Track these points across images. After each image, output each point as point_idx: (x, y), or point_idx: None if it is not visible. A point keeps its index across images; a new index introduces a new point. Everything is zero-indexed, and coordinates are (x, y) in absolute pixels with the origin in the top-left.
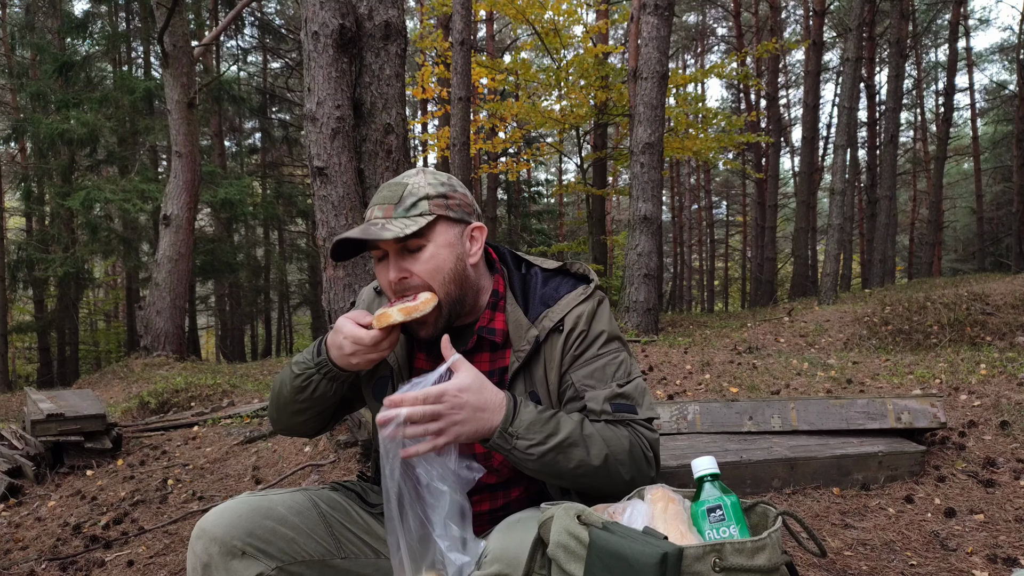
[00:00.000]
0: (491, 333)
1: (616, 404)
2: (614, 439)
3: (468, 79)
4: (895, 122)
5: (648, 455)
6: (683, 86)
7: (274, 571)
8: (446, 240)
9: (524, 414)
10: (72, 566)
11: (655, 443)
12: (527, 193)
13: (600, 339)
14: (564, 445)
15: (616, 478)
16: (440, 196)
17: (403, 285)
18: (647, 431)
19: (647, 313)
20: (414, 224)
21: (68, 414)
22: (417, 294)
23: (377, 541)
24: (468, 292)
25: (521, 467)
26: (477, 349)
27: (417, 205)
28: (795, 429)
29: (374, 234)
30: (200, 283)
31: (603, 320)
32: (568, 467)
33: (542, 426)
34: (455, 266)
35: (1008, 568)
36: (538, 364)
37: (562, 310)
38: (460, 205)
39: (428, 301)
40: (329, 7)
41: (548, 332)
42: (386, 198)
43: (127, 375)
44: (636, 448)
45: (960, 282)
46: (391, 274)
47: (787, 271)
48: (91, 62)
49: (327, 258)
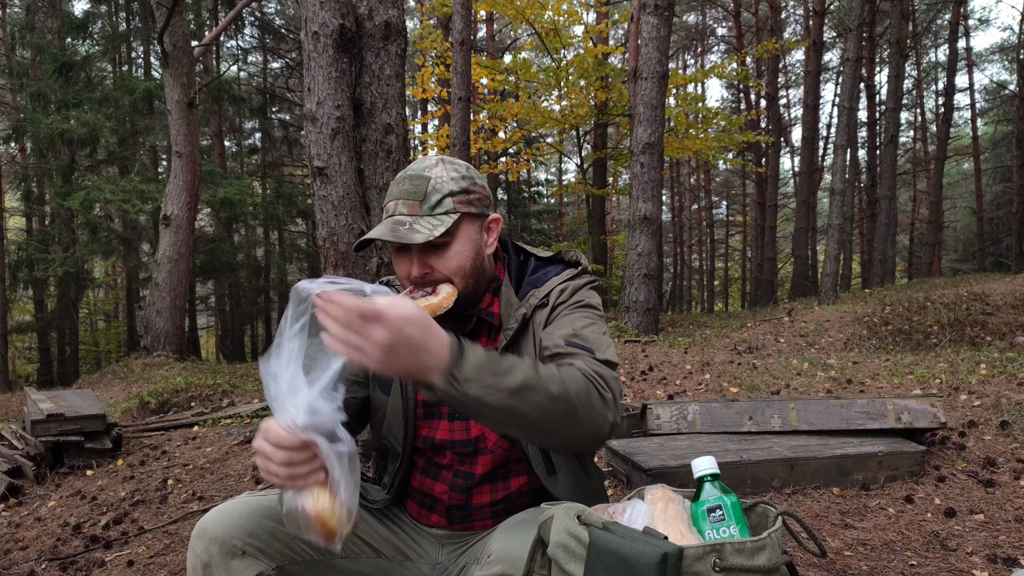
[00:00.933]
0: (489, 316)
1: (570, 341)
2: (569, 377)
3: (468, 79)
4: (895, 122)
5: (606, 395)
6: (683, 86)
7: (274, 571)
8: (469, 236)
9: (472, 356)
10: (72, 566)
11: (613, 381)
12: (527, 193)
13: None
14: (521, 388)
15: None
16: (463, 192)
17: (425, 280)
18: (606, 370)
19: (647, 313)
20: (442, 225)
21: (68, 414)
22: (436, 287)
23: (377, 540)
24: (482, 283)
25: (479, 419)
26: (475, 333)
27: (442, 203)
28: (795, 429)
29: (404, 236)
30: (200, 283)
31: (584, 292)
32: (529, 413)
33: (493, 367)
34: (475, 260)
35: (1008, 568)
36: (527, 341)
37: (548, 287)
38: (480, 199)
39: (450, 296)
40: (329, 7)
41: (534, 309)
42: (409, 192)
43: (127, 375)
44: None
45: (960, 282)
46: (414, 270)
47: (787, 271)
48: (91, 62)
49: (327, 258)
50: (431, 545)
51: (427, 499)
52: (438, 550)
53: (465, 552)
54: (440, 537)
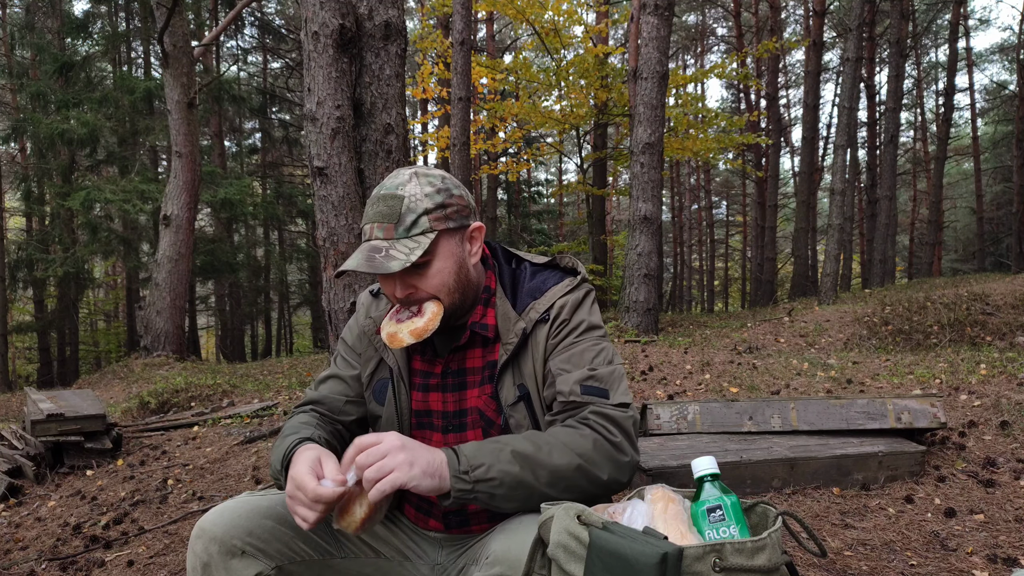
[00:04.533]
0: (484, 328)
1: (586, 386)
2: (575, 439)
3: (468, 79)
4: (895, 122)
5: (615, 439)
6: (683, 86)
7: (273, 571)
8: (449, 251)
9: (465, 448)
10: (72, 566)
11: (626, 423)
12: (527, 193)
13: (580, 327)
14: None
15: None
16: (439, 207)
17: (409, 299)
18: (618, 412)
19: (647, 313)
20: (419, 247)
21: (68, 414)
22: (422, 306)
23: (377, 540)
24: (469, 294)
25: (496, 506)
26: (470, 345)
27: (418, 223)
28: (795, 429)
29: (380, 266)
30: (200, 283)
31: (586, 310)
32: (541, 482)
33: (490, 447)
34: (459, 274)
35: (1008, 568)
36: (526, 357)
37: (548, 300)
38: (458, 211)
39: (435, 315)
40: (329, 7)
41: (535, 323)
42: (383, 215)
43: (127, 375)
44: (600, 443)
45: (960, 282)
46: (397, 291)
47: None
48: (91, 62)
49: (327, 258)
50: (430, 546)
51: (424, 503)
52: (437, 551)
53: (464, 553)
54: (439, 539)
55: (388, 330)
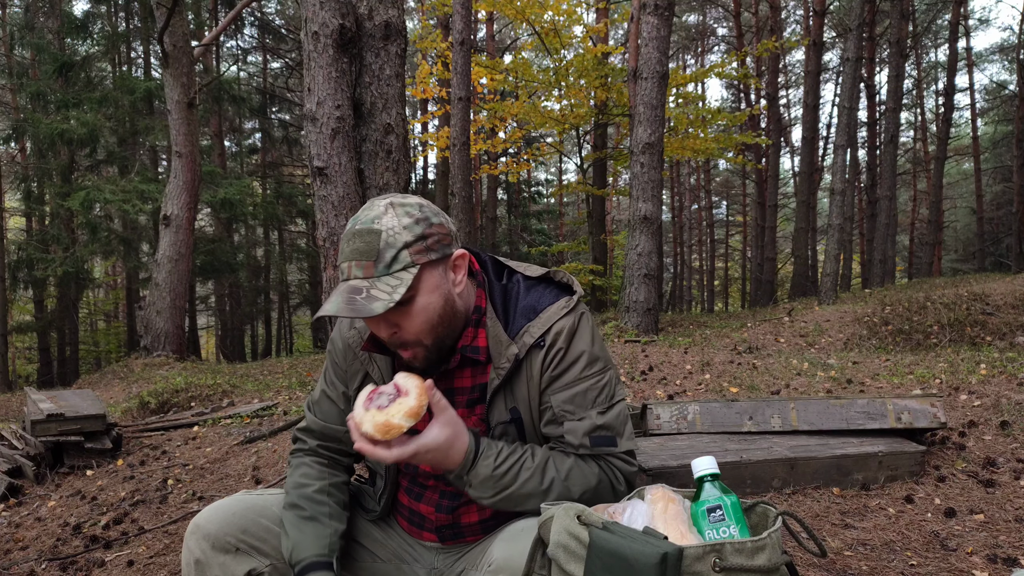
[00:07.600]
0: (475, 352)
1: (595, 438)
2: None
3: (468, 79)
4: (895, 122)
5: (619, 488)
6: (683, 86)
7: (267, 568)
8: (432, 285)
9: (481, 468)
10: (72, 566)
11: (631, 476)
12: (527, 193)
13: (580, 361)
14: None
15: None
16: (419, 239)
17: (395, 340)
18: (624, 464)
19: (647, 313)
20: (401, 284)
21: (68, 414)
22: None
23: (373, 543)
24: (457, 324)
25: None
26: (460, 366)
27: (398, 258)
28: (795, 429)
29: (362, 309)
30: (200, 283)
31: (584, 338)
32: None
33: (495, 483)
34: (444, 307)
35: (1008, 568)
36: (520, 381)
37: (543, 325)
38: (439, 240)
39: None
40: (329, 7)
41: (529, 348)
42: (361, 252)
43: (127, 375)
44: (604, 484)
45: (960, 282)
46: (382, 333)
47: (787, 271)
48: (91, 62)
49: (327, 258)
50: (427, 551)
51: (416, 516)
52: (434, 555)
53: (462, 557)
54: (435, 548)
55: (377, 421)
